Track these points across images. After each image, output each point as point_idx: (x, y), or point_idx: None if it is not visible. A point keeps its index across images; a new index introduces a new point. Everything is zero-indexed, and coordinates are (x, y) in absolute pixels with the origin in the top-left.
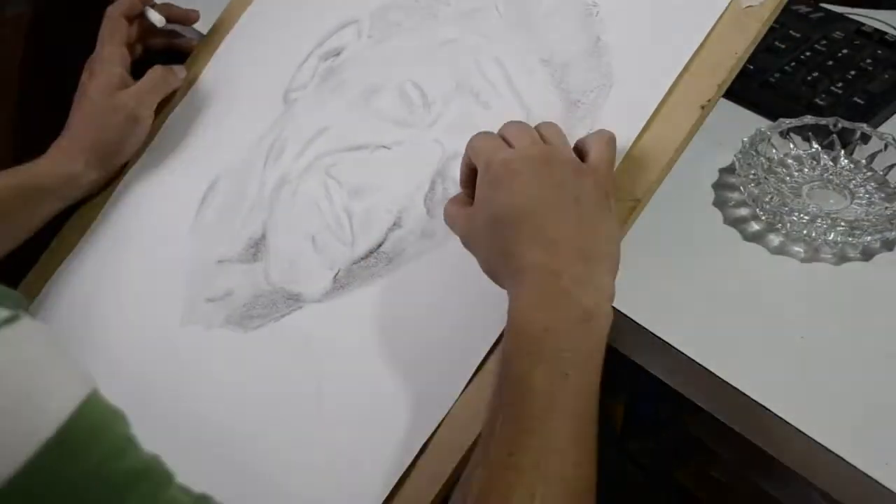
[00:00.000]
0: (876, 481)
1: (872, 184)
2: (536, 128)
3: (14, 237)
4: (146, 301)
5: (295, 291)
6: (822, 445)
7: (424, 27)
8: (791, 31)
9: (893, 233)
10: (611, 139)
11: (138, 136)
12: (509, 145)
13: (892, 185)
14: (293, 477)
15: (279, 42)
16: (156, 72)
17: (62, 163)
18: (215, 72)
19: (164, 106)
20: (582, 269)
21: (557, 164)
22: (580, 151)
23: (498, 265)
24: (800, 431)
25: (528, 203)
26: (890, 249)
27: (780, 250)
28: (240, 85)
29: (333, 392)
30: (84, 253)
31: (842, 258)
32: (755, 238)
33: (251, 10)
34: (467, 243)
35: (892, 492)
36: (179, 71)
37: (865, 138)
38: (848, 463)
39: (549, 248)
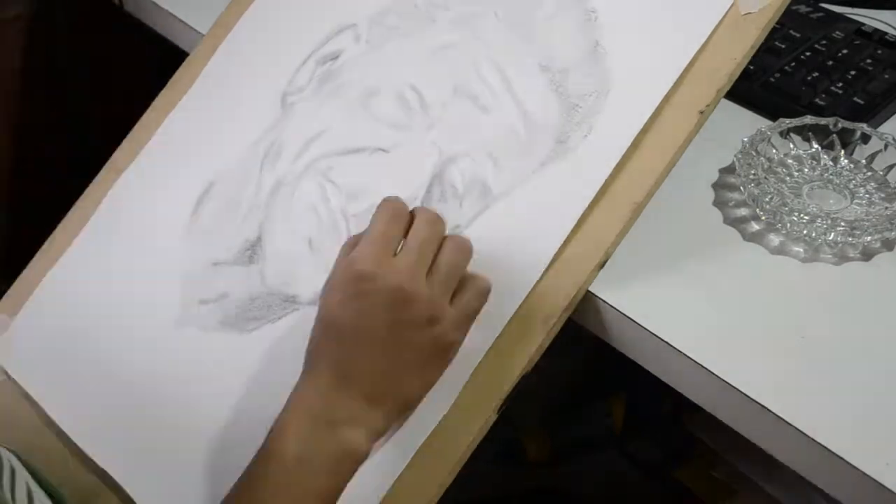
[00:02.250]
0: (876, 481)
1: (872, 184)
2: (447, 249)
3: None
4: (141, 303)
5: (291, 294)
6: (822, 445)
7: (422, 31)
8: (791, 31)
9: (893, 233)
10: (483, 291)
11: None
12: (401, 247)
13: (892, 185)
14: None
15: (277, 45)
16: None
17: None
18: (212, 74)
19: (161, 108)
20: (361, 409)
21: (408, 309)
22: (461, 284)
23: (306, 358)
24: (800, 431)
25: (348, 327)
26: (890, 249)
27: (780, 250)
28: (237, 88)
29: None
30: (78, 254)
31: (842, 258)
32: (755, 238)
33: (248, 14)
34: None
35: (892, 492)
36: None
37: (865, 138)
38: (848, 463)
39: (340, 378)
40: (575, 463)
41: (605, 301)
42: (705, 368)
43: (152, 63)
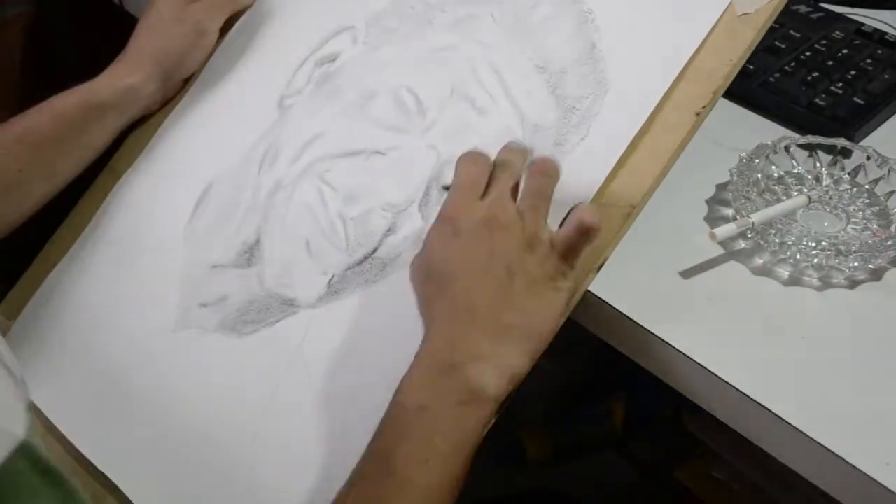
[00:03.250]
0: (876, 481)
1: (873, 209)
2: (528, 175)
3: (81, 157)
4: (140, 306)
5: (289, 296)
6: (822, 445)
7: (420, 34)
8: (791, 31)
9: (880, 261)
10: (588, 230)
11: (203, 49)
12: (486, 189)
13: (891, 213)
14: (288, 482)
15: (274, 48)
16: None
17: (122, 76)
18: (210, 77)
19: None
20: (487, 345)
21: (503, 233)
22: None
23: (421, 316)
24: (800, 431)
25: (455, 267)
26: (878, 279)
27: (762, 271)
28: (234, 90)
29: (328, 396)
30: (77, 258)
31: (826, 284)
32: (739, 257)
33: (247, 16)
34: (411, 276)
35: (892, 492)
36: None
37: (872, 161)
38: (848, 463)
39: (458, 320)
40: (575, 463)
41: (605, 301)
42: (705, 368)
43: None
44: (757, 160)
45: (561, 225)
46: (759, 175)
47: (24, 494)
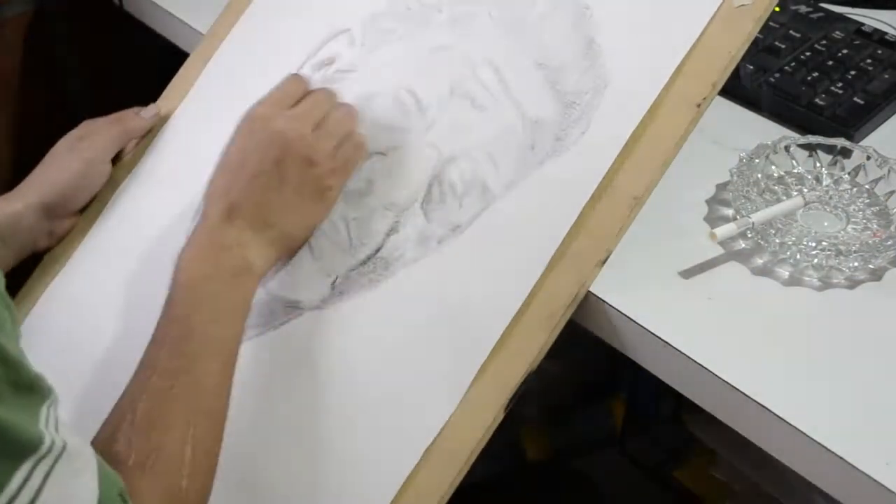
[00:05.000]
0: (876, 481)
1: (872, 209)
2: (335, 108)
3: None
4: (143, 313)
5: (293, 299)
6: (822, 445)
7: (417, 34)
8: (791, 31)
9: (880, 261)
10: (360, 144)
11: (93, 181)
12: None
13: (891, 213)
14: (293, 487)
15: (272, 51)
16: (118, 121)
17: (2, 205)
18: (208, 81)
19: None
20: (250, 235)
21: (292, 147)
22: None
23: (205, 196)
24: (800, 431)
25: (237, 162)
26: (878, 279)
27: (762, 271)
28: (232, 94)
29: (334, 398)
30: (82, 260)
31: (826, 284)
32: (739, 257)
33: (244, 20)
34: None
35: (892, 492)
36: (148, 111)
37: (872, 161)
38: (848, 463)
39: (228, 209)
40: (575, 463)
41: (605, 301)
42: (705, 368)
43: (152, 63)
44: (757, 160)
45: None
46: (759, 175)
47: None
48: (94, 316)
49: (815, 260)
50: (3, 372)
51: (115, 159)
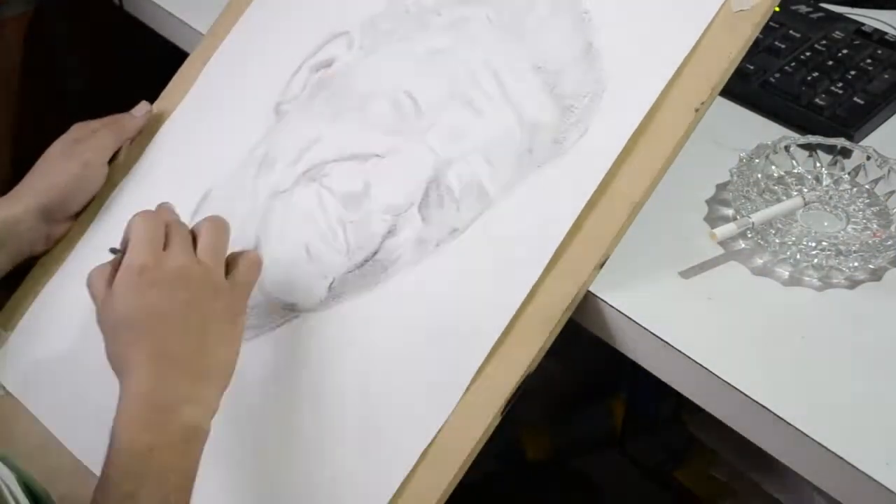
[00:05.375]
0: (876, 481)
1: (873, 209)
2: (197, 232)
3: None
4: None
5: (290, 301)
6: (822, 445)
7: (415, 37)
8: (791, 31)
9: (880, 261)
10: (255, 261)
11: (90, 183)
12: (166, 242)
13: (891, 213)
14: (289, 488)
15: (270, 53)
16: (112, 123)
17: (1, 209)
18: (206, 83)
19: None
20: (191, 387)
21: (195, 284)
22: (228, 263)
23: (115, 363)
24: (800, 431)
25: (152, 316)
26: (878, 279)
27: (762, 271)
28: (231, 96)
29: (330, 400)
30: (75, 267)
31: (826, 284)
32: (739, 257)
33: (243, 21)
34: (99, 323)
35: (892, 492)
36: (139, 110)
37: (872, 161)
38: (848, 463)
39: (162, 366)
40: (575, 463)
41: (605, 301)
42: (705, 368)
43: (152, 63)
44: (757, 160)
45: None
46: (759, 175)
47: None
48: (91, 318)
49: (815, 260)
50: None
51: (111, 161)
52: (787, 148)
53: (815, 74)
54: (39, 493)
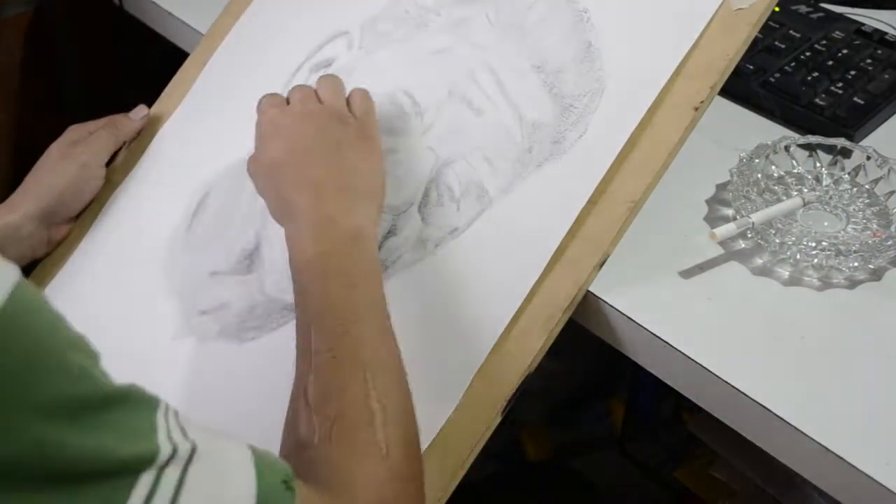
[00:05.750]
0: (876, 481)
1: (873, 209)
2: (319, 82)
3: None
4: (139, 315)
5: (290, 301)
6: (822, 445)
7: (415, 37)
8: (791, 31)
9: (880, 261)
10: (364, 93)
11: (89, 185)
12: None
13: (891, 213)
14: None
15: (270, 53)
16: (109, 124)
17: (1, 214)
18: (206, 83)
19: (156, 119)
20: (344, 200)
21: (319, 117)
22: (348, 104)
23: (277, 209)
24: (800, 431)
25: (289, 153)
26: (878, 278)
27: (762, 271)
28: (230, 96)
29: None
30: (74, 269)
31: (826, 284)
32: (739, 257)
33: (243, 21)
34: (259, 192)
35: (892, 492)
36: (137, 113)
37: (872, 161)
38: (848, 463)
39: (312, 188)
40: (575, 463)
41: (605, 301)
42: (705, 368)
43: (152, 63)
44: (757, 160)
45: None
46: (759, 175)
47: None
48: (94, 320)
49: (815, 260)
50: (91, 392)
51: (109, 162)
52: (787, 148)
53: (815, 74)
54: None
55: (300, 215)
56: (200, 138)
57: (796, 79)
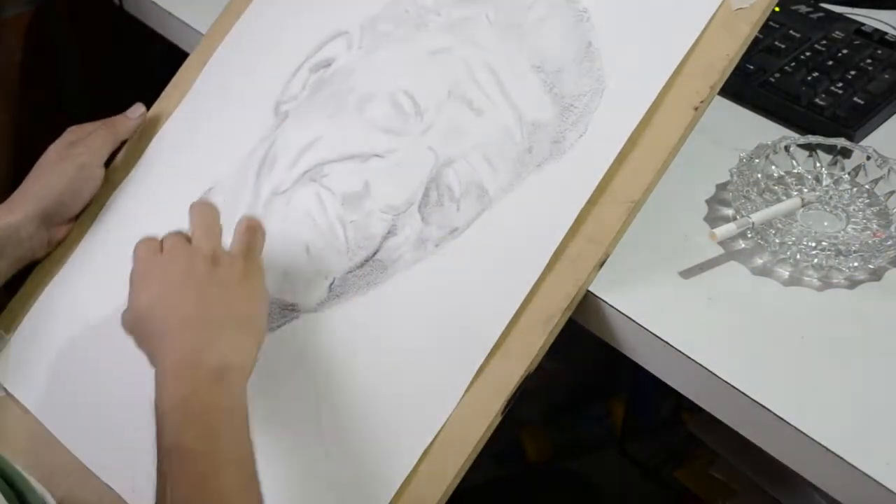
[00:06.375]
0: (876, 481)
1: (873, 209)
2: (192, 227)
3: None
4: None
5: (290, 301)
6: (822, 445)
7: (415, 37)
8: (791, 31)
9: (880, 260)
10: (248, 227)
11: (88, 185)
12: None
13: (891, 213)
14: (292, 488)
15: (270, 53)
16: (107, 125)
17: (1, 216)
18: (206, 84)
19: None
20: (209, 334)
21: (187, 259)
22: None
23: (148, 356)
24: (800, 431)
25: (156, 298)
26: (878, 278)
27: (762, 271)
28: (230, 97)
29: (331, 400)
30: (75, 269)
31: (826, 284)
32: (739, 257)
33: (243, 21)
34: (137, 345)
35: (892, 492)
36: (134, 111)
37: (872, 161)
38: (848, 463)
39: (177, 329)
40: (575, 463)
41: (605, 301)
42: (705, 368)
43: (152, 63)
44: (757, 160)
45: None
46: (759, 175)
47: None
48: (93, 321)
49: (815, 260)
50: None
51: (107, 163)
52: (787, 148)
53: (815, 74)
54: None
55: (163, 358)
56: (200, 139)
57: (796, 79)
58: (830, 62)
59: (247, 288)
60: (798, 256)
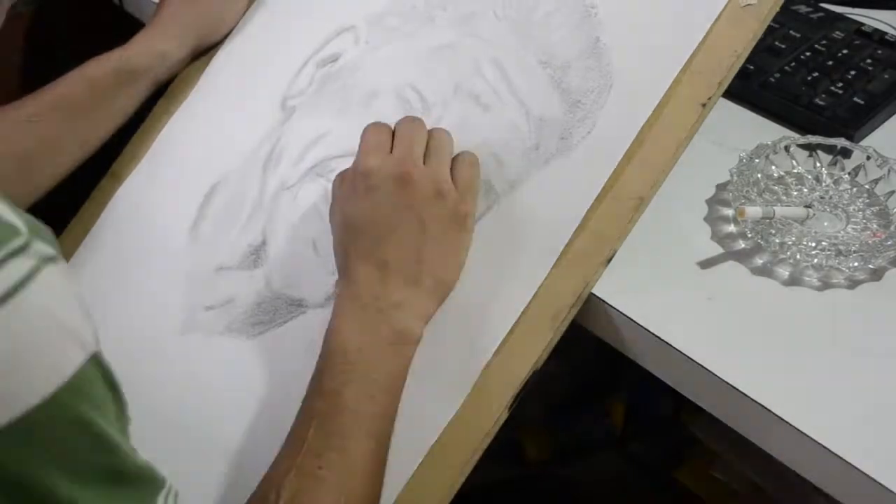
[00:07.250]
0: (876, 481)
1: (873, 209)
2: (429, 134)
3: (112, 123)
4: (145, 311)
5: (297, 297)
6: (822, 445)
7: (422, 32)
8: (791, 31)
9: (880, 261)
10: (473, 162)
11: (237, 9)
12: (394, 139)
13: (891, 213)
14: None
15: (276, 49)
16: None
17: (156, 42)
18: (212, 79)
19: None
20: (404, 293)
21: (414, 187)
22: (453, 167)
23: (339, 264)
24: (800, 431)
25: (370, 220)
26: (878, 279)
27: (762, 271)
28: (237, 92)
29: None
30: (80, 263)
31: (826, 284)
32: (739, 257)
33: (249, 17)
34: (331, 228)
35: (892, 492)
36: None
37: (872, 161)
38: (848, 463)
39: (377, 269)
40: (575, 463)
41: (605, 301)
42: (705, 368)
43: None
44: (757, 160)
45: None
46: (759, 175)
47: (95, 400)
48: (99, 316)
49: (815, 260)
50: (105, 461)
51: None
52: (787, 148)
53: (815, 74)
54: None
55: (352, 292)
56: (207, 133)
57: (796, 79)
58: (830, 62)
59: (457, 240)
60: (798, 256)
